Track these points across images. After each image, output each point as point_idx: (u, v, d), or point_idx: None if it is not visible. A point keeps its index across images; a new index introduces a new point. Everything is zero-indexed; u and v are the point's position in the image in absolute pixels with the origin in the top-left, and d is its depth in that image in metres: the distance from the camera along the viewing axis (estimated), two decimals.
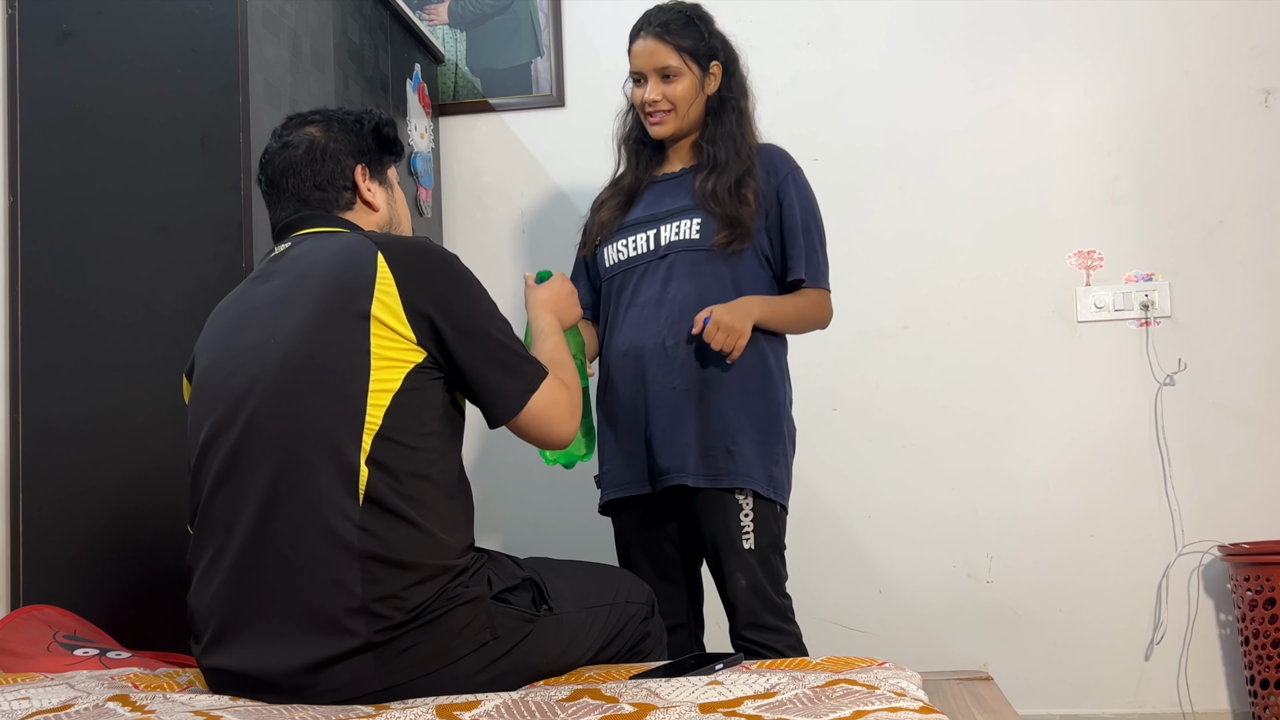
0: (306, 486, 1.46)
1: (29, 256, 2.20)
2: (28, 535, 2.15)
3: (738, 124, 2.23)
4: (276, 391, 1.50)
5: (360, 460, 1.46)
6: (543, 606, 1.61)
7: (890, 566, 3.04)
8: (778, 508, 2.15)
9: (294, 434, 1.48)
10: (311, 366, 1.49)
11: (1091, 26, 3.07)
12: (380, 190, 1.75)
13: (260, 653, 1.46)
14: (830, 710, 1.27)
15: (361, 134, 1.74)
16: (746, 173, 2.18)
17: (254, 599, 1.48)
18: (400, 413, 1.49)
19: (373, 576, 1.43)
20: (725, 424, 2.11)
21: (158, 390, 2.13)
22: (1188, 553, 2.94)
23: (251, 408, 1.50)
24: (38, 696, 1.46)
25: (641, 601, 1.82)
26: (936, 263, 3.08)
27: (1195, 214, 3.01)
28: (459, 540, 1.54)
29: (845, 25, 3.17)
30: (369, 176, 1.73)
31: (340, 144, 1.71)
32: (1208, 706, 2.91)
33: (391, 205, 1.77)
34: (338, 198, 1.70)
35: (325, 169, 1.69)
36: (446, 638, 1.47)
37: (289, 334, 1.51)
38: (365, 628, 1.43)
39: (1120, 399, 3.00)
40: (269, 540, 1.47)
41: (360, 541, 1.44)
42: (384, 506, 1.46)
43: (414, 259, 1.56)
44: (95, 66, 2.21)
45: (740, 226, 2.15)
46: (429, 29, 3.23)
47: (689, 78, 2.20)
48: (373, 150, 1.74)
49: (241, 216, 2.13)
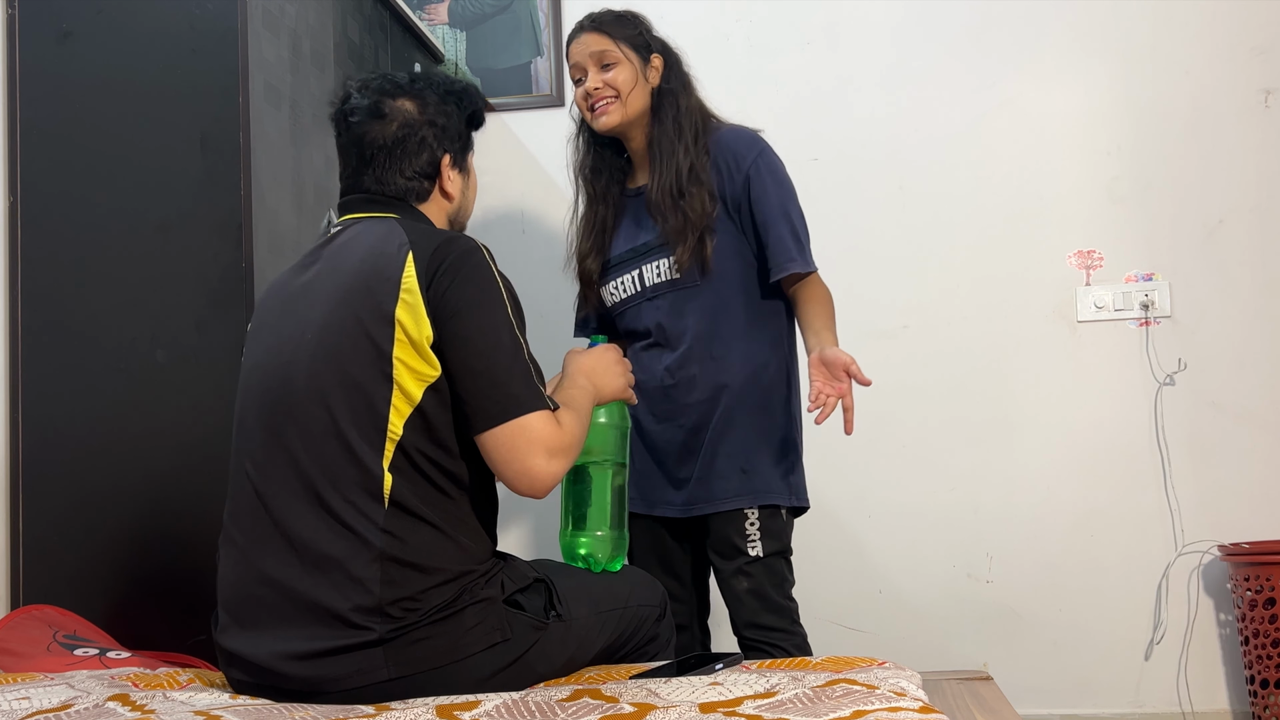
0: (331, 487, 1.48)
1: (29, 256, 2.20)
2: (28, 535, 2.15)
3: (676, 122, 2.14)
4: (307, 392, 1.51)
5: (384, 466, 1.47)
6: (552, 613, 1.60)
7: (890, 566, 3.04)
8: (785, 514, 2.13)
9: (321, 435, 1.49)
10: (339, 371, 1.50)
11: (1092, 26, 3.07)
12: (459, 179, 1.72)
13: (273, 639, 1.48)
14: (830, 710, 1.27)
15: (458, 118, 1.70)
16: (687, 176, 2.10)
17: (274, 589, 1.49)
18: (422, 423, 1.50)
19: (390, 578, 1.45)
20: (738, 448, 2.11)
21: (157, 390, 2.13)
22: (1188, 553, 2.94)
23: (285, 405, 1.52)
24: (38, 696, 1.46)
25: (654, 603, 1.80)
26: (936, 263, 3.08)
27: (1195, 214, 3.01)
28: (481, 545, 1.56)
29: (845, 25, 3.17)
30: (452, 164, 1.70)
31: (434, 130, 1.67)
32: (1208, 706, 2.91)
33: (464, 194, 1.74)
34: (419, 189, 1.67)
35: (417, 160, 1.66)
36: (456, 634, 1.48)
37: (318, 331, 1.53)
38: (380, 626, 1.45)
39: (1120, 399, 3.00)
40: (293, 534, 1.49)
41: (382, 543, 1.46)
42: (408, 510, 1.48)
43: (441, 260, 1.53)
44: (95, 66, 2.21)
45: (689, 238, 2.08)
46: (429, 29, 3.23)
47: (628, 65, 2.14)
48: (463, 137, 1.71)
49: (241, 216, 2.12)
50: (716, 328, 2.13)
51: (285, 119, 2.28)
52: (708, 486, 2.11)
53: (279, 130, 2.26)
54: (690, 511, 2.13)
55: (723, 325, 2.13)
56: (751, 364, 2.14)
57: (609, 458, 1.79)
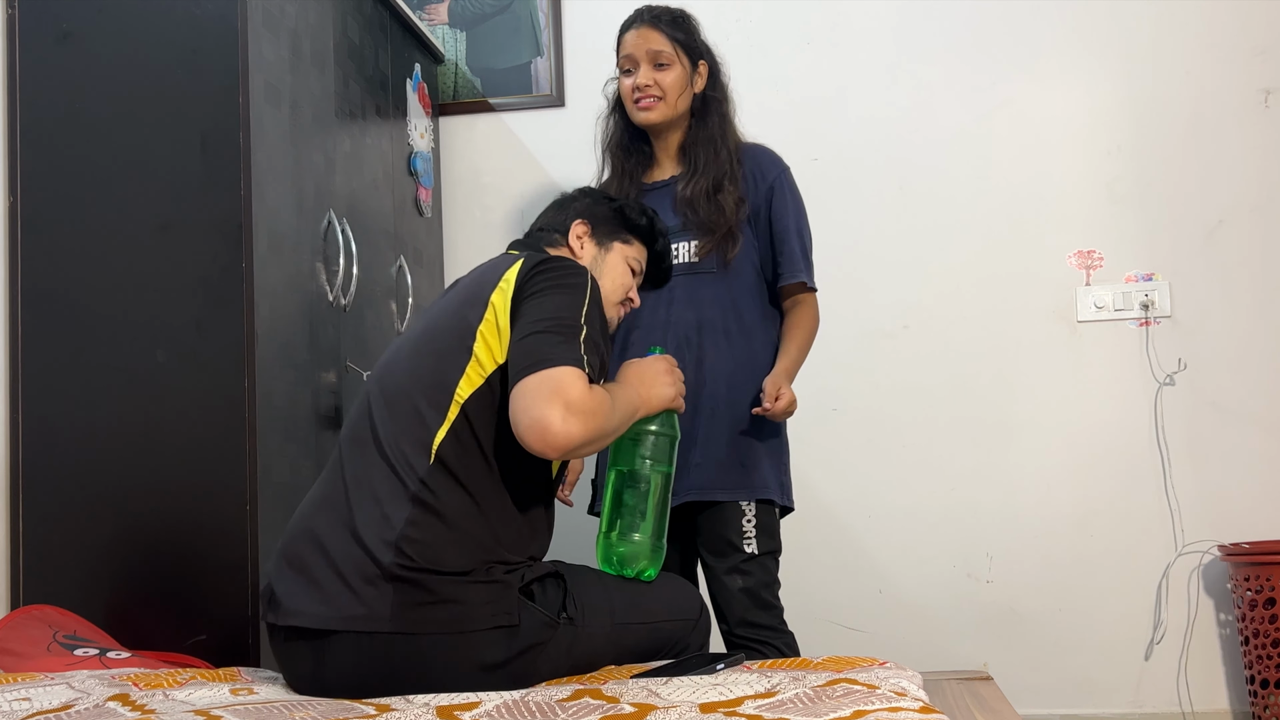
0: (394, 431, 1.59)
1: (29, 256, 2.20)
2: (28, 535, 2.15)
3: (720, 127, 2.24)
4: (404, 364, 1.66)
5: (441, 427, 1.56)
6: (563, 614, 1.61)
7: (890, 566, 3.04)
8: (777, 513, 2.18)
9: (402, 385, 1.63)
10: (432, 346, 1.64)
11: (1092, 26, 3.07)
12: (592, 247, 1.87)
13: (318, 529, 1.58)
14: (831, 710, 1.27)
15: (607, 206, 1.91)
16: (725, 177, 2.19)
17: (324, 518, 1.59)
18: (484, 399, 1.58)
19: (415, 520, 1.53)
20: (738, 440, 2.15)
21: (158, 390, 2.13)
22: (1188, 552, 2.95)
23: (383, 380, 1.67)
24: (38, 696, 1.46)
25: (687, 618, 1.79)
26: (936, 263, 3.08)
27: (1195, 214, 3.01)
28: (518, 544, 1.60)
29: (846, 25, 3.17)
30: (588, 234, 1.87)
31: (580, 203, 1.91)
32: (1208, 706, 2.91)
33: (596, 263, 1.86)
34: (550, 238, 1.87)
35: (554, 217, 1.90)
36: (465, 605, 1.51)
37: (429, 322, 1.70)
38: (390, 557, 1.51)
39: (1120, 399, 3.00)
40: (348, 476, 1.61)
41: (416, 488, 1.54)
42: (450, 472, 1.56)
43: (548, 259, 1.66)
44: (95, 66, 2.21)
45: (718, 231, 2.16)
46: (429, 29, 3.23)
47: (679, 69, 2.22)
48: (607, 220, 1.89)
49: (241, 216, 2.12)
50: (726, 319, 2.18)
51: (285, 119, 2.28)
52: (707, 474, 2.13)
53: (279, 130, 2.26)
54: (685, 498, 2.13)
55: (731, 318, 2.19)
56: (754, 361, 2.20)
57: (658, 465, 1.78)
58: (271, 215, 2.20)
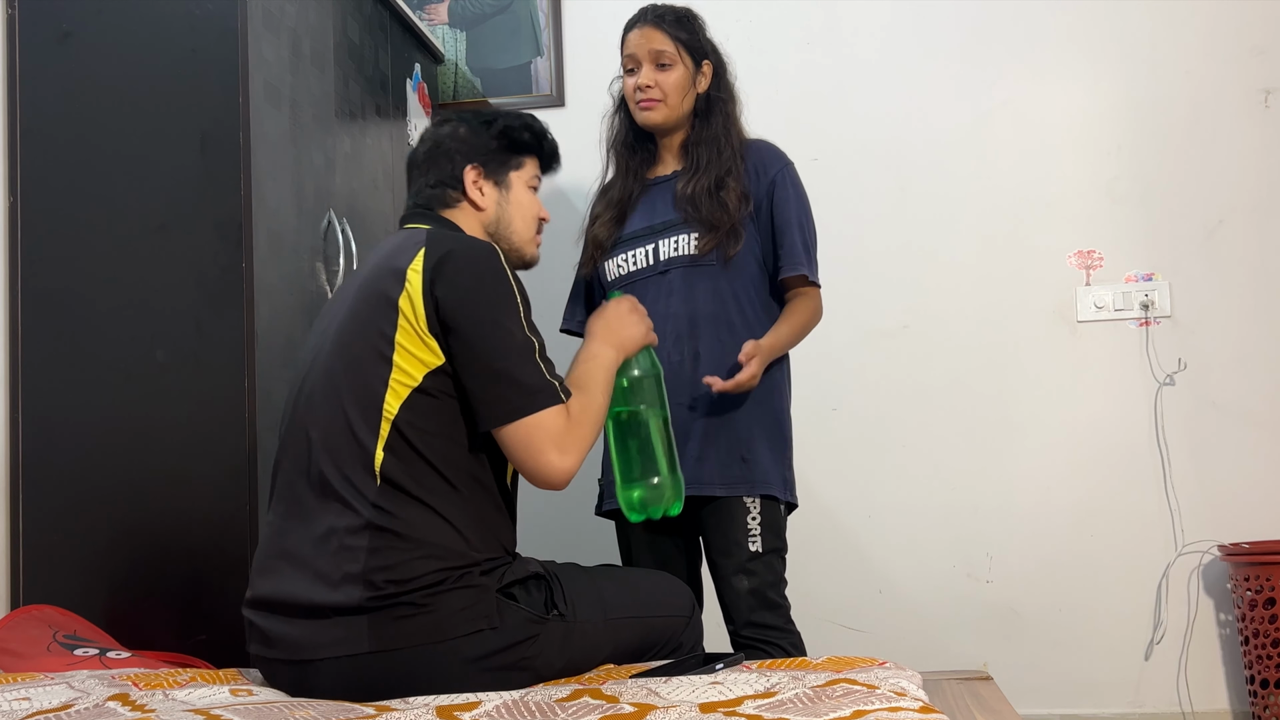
0: (333, 462, 1.57)
1: (29, 256, 2.20)
2: (28, 535, 2.15)
3: (724, 127, 2.24)
4: (323, 372, 1.62)
5: (378, 445, 1.55)
6: (553, 610, 1.61)
7: (890, 566, 3.04)
8: (782, 510, 2.17)
9: (328, 412, 1.59)
10: (348, 355, 1.60)
11: (1091, 26, 3.07)
12: (492, 190, 1.80)
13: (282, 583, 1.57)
14: (830, 710, 1.27)
15: (486, 134, 1.80)
16: (727, 174, 2.19)
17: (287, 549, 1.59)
18: (422, 406, 1.56)
19: (376, 547, 1.52)
20: (738, 434, 2.14)
21: (157, 390, 2.13)
22: (1188, 552, 2.95)
23: (308, 386, 1.65)
24: (38, 696, 1.46)
25: (681, 613, 1.81)
26: (936, 262, 3.08)
27: (1195, 214, 3.01)
28: (488, 542, 1.59)
29: (845, 24, 3.17)
30: (482, 176, 1.79)
31: (460, 143, 1.79)
32: (1208, 706, 2.91)
33: (501, 206, 1.81)
34: (444, 195, 1.79)
35: (440, 168, 1.79)
36: (441, 615, 1.51)
37: (340, 321, 1.65)
38: (362, 594, 1.50)
39: (1120, 399, 3.00)
40: (303, 506, 1.59)
41: (370, 515, 1.53)
42: (399, 488, 1.54)
43: (449, 255, 1.60)
44: (95, 66, 2.21)
45: (721, 229, 2.16)
46: (429, 29, 3.23)
47: (682, 69, 2.22)
48: (493, 150, 1.80)
49: (241, 216, 2.12)
50: (726, 312, 2.17)
51: (285, 119, 2.28)
52: (708, 468, 2.12)
53: (279, 130, 2.26)
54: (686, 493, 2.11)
55: (732, 311, 2.18)
56: None
57: (650, 406, 1.83)
58: (271, 215, 2.20)
